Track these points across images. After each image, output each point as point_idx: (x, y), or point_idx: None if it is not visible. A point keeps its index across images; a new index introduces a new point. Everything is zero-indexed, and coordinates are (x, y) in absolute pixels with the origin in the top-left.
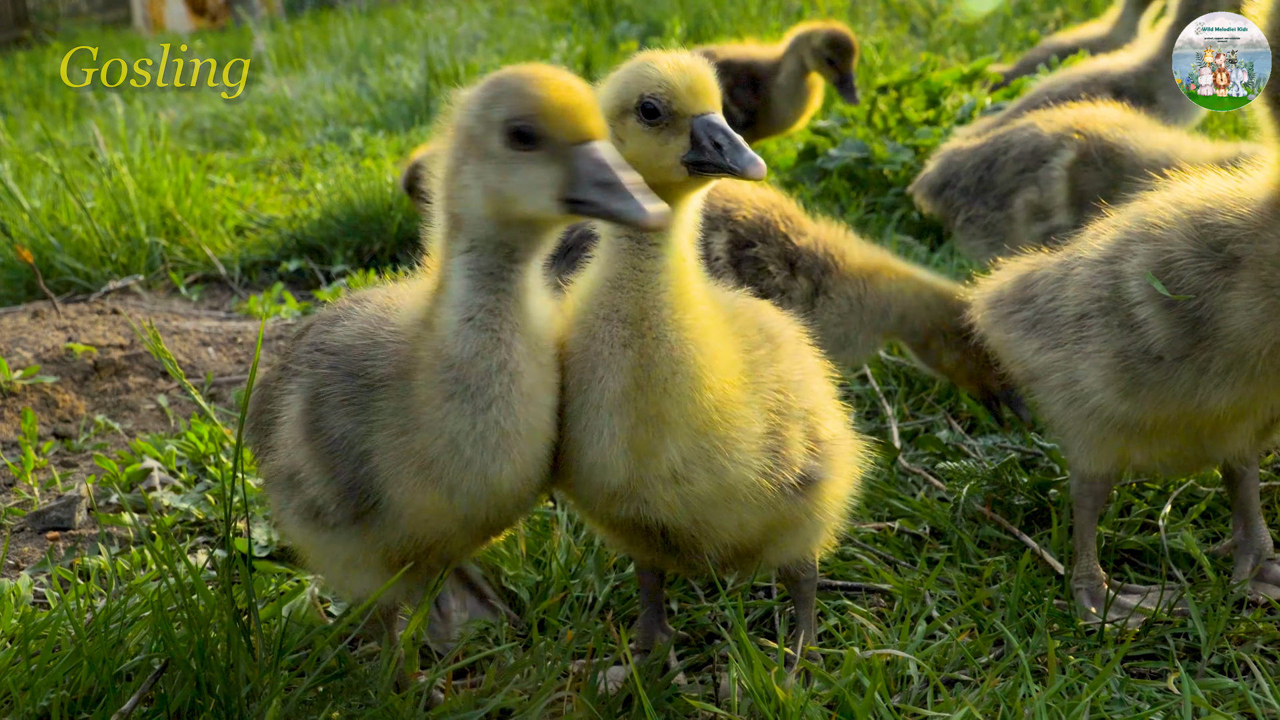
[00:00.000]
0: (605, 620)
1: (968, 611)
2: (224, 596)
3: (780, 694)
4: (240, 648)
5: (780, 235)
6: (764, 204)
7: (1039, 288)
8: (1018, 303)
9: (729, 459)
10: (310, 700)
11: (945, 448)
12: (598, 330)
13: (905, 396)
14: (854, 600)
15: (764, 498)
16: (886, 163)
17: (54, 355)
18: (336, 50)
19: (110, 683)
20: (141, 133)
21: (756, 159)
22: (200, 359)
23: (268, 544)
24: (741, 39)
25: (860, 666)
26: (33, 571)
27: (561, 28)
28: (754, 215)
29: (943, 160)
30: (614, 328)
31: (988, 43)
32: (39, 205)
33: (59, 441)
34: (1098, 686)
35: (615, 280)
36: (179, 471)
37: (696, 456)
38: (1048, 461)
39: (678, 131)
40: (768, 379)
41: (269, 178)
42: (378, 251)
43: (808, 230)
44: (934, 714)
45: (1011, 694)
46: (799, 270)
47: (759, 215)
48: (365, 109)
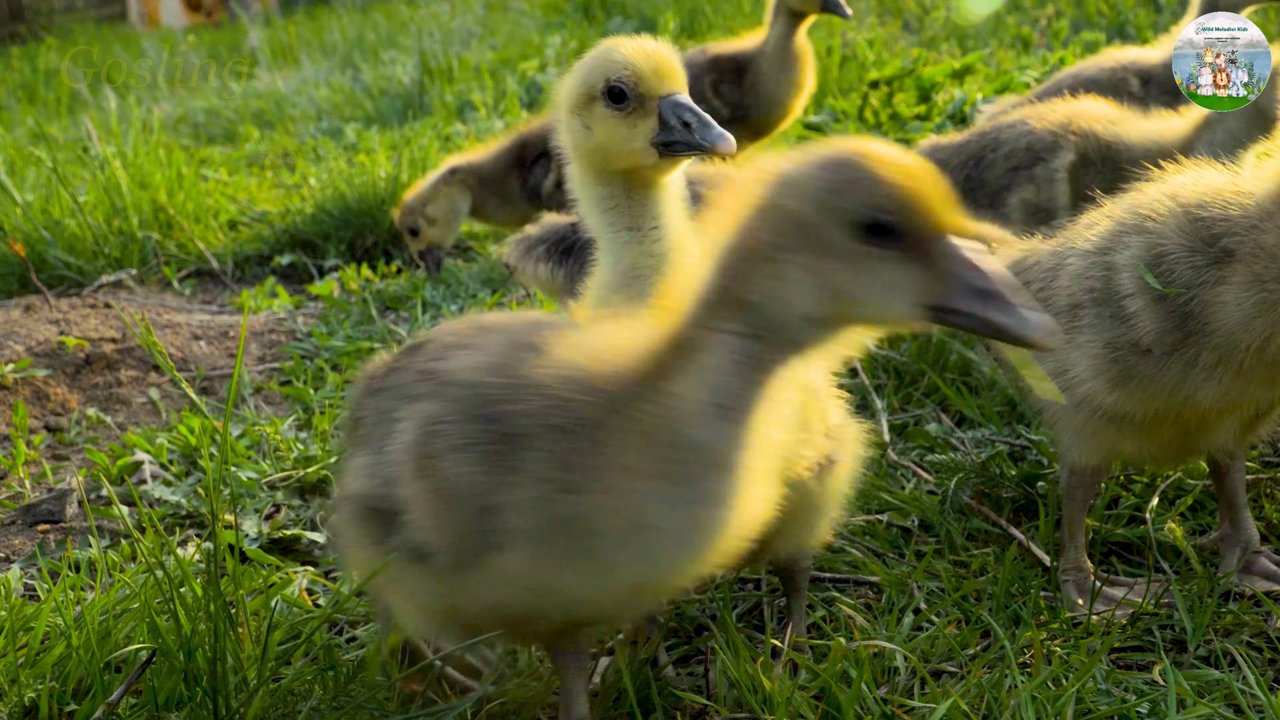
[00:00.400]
0: None
1: (955, 604)
2: (210, 588)
3: (766, 684)
4: (227, 638)
5: None
6: None
7: (1031, 275)
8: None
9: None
10: (297, 691)
11: (935, 440)
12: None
13: (895, 390)
14: (842, 592)
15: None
16: None
17: (46, 349)
18: (330, 45)
19: (99, 674)
20: (134, 127)
21: (726, 135)
22: (192, 352)
23: (258, 535)
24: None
25: (847, 658)
26: (23, 564)
27: (555, 23)
28: None
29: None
30: None
31: (980, 39)
32: (32, 199)
33: (50, 434)
34: (1083, 678)
35: (630, 272)
36: (170, 464)
37: None
38: (1036, 454)
39: (646, 114)
40: None
41: (262, 172)
42: (370, 246)
43: None
44: (920, 705)
45: (997, 685)
46: None
47: None
48: (359, 104)
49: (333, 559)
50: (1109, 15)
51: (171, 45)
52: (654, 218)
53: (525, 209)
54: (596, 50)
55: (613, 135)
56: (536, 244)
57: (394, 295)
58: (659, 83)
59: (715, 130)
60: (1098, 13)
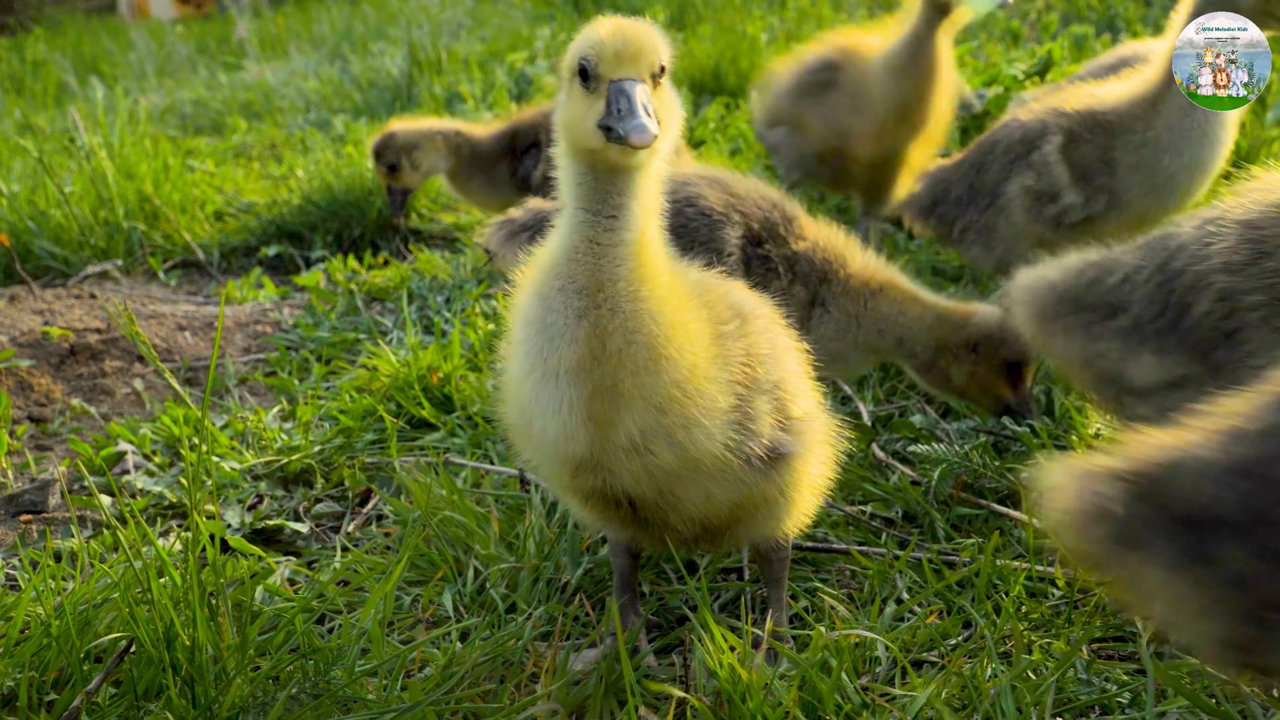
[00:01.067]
0: (572, 604)
1: (937, 594)
2: (188, 578)
3: (744, 674)
4: (205, 627)
5: (783, 237)
6: (766, 203)
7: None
8: (1092, 309)
9: (690, 431)
10: (277, 678)
11: (919, 432)
12: (553, 301)
13: (880, 381)
14: (825, 583)
15: (730, 471)
16: None
17: (30, 339)
18: (320, 37)
19: (78, 664)
20: (121, 117)
21: (643, 125)
22: (177, 343)
23: (240, 525)
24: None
25: (828, 647)
26: (5, 554)
27: (545, 15)
28: (761, 213)
29: (929, 179)
30: (569, 298)
31: (969, 32)
32: (18, 190)
33: (34, 425)
34: (1063, 667)
35: (571, 251)
36: (153, 455)
37: (656, 428)
38: (1020, 446)
39: (599, 96)
40: (734, 353)
41: (249, 163)
42: (357, 237)
43: (808, 234)
44: (900, 694)
45: (977, 675)
46: (797, 277)
47: (765, 214)
48: (348, 96)
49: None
50: (1099, 9)
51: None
52: (614, 206)
53: (512, 196)
54: (587, 26)
55: (575, 113)
56: (520, 230)
57: (380, 286)
58: (615, 66)
59: (634, 121)
60: (1087, 6)
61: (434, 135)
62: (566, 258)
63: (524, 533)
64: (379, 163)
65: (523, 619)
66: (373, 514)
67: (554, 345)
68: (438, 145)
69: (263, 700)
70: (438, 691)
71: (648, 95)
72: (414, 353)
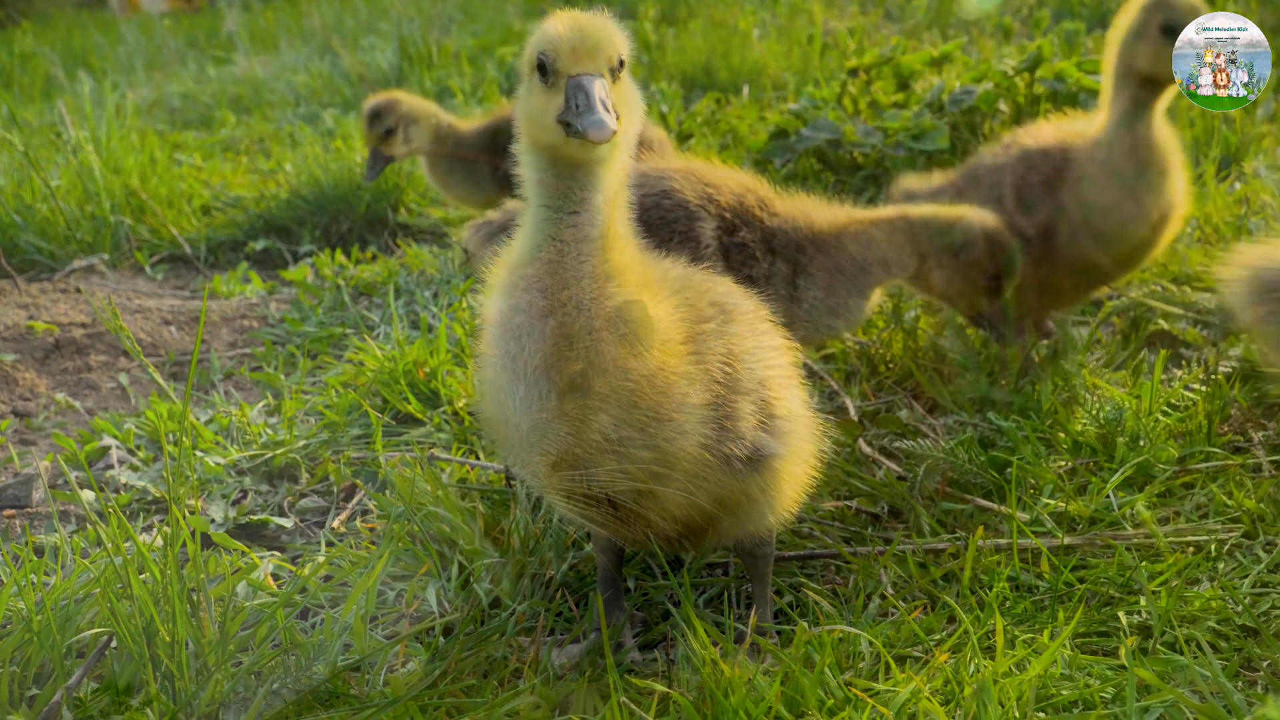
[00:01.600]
0: (556, 599)
1: (921, 589)
2: (168, 573)
3: (727, 670)
4: (185, 622)
5: (758, 219)
6: (740, 188)
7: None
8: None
9: (663, 429)
10: (259, 674)
11: (906, 427)
12: (519, 300)
13: (867, 377)
14: (809, 578)
15: (708, 470)
16: (856, 145)
17: (14, 333)
18: (310, 31)
19: (59, 659)
20: (108, 111)
21: (601, 121)
22: (162, 338)
23: (224, 520)
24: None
25: (811, 642)
26: None
27: (536, 10)
28: (734, 200)
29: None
30: (534, 298)
31: (961, 28)
32: (3, 184)
33: (18, 419)
34: (1045, 662)
35: (535, 250)
36: (137, 449)
37: (629, 426)
38: (1006, 441)
39: (558, 91)
40: (714, 350)
41: (237, 157)
42: (345, 232)
43: (779, 210)
44: (883, 689)
45: (960, 669)
46: (776, 253)
47: (738, 199)
48: (338, 90)
49: (300, 544)
50: (1090, 4)
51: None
52: (577, 202)
53: (493, 193)
54: (543, 22)
55: (534, 108)
56: (498, 231)
57: (367, 281)
58: (573, 61)
59: (592, 116)
60: (1079, 2)
61: (431, 117)
62: (530, 256)
63: (508, 528)
64: (375, 123)
65: (507, 614)
66: (357, 509)
67: (521, 345)
68: (432, 127)
69: (244, 695)
70: (420, 686)
71: (606, 90)
72: (400, 348)
